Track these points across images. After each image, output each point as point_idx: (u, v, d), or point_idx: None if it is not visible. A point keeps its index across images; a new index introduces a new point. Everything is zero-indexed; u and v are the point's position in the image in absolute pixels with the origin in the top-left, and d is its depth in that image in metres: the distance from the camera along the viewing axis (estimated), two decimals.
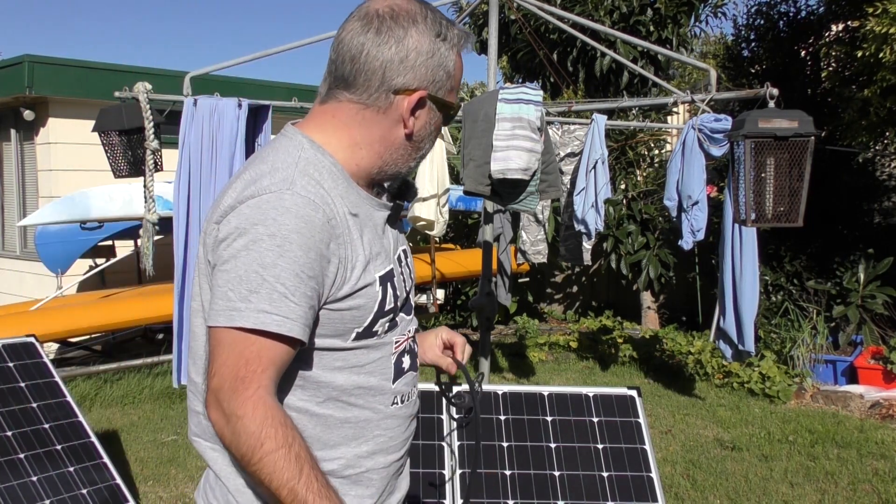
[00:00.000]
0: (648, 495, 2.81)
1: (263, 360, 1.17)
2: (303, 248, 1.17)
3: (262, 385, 1.16)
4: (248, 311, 1.15)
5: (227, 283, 1.17)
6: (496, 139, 3.62)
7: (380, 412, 1.34)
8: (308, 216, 1.18)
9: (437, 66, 1.29)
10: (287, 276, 1.16)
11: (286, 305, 1.16)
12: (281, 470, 1.14)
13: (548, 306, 9.37)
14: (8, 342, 3.61)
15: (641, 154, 8.40)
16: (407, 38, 1.26)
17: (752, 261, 4.67)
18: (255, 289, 1.15)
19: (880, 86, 5.87)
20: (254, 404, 1.15)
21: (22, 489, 3.07)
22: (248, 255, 1.16)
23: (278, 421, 1.16)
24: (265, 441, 1.14)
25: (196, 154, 3.83)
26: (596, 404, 3.06)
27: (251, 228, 1.17)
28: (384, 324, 1.33)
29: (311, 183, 1.22)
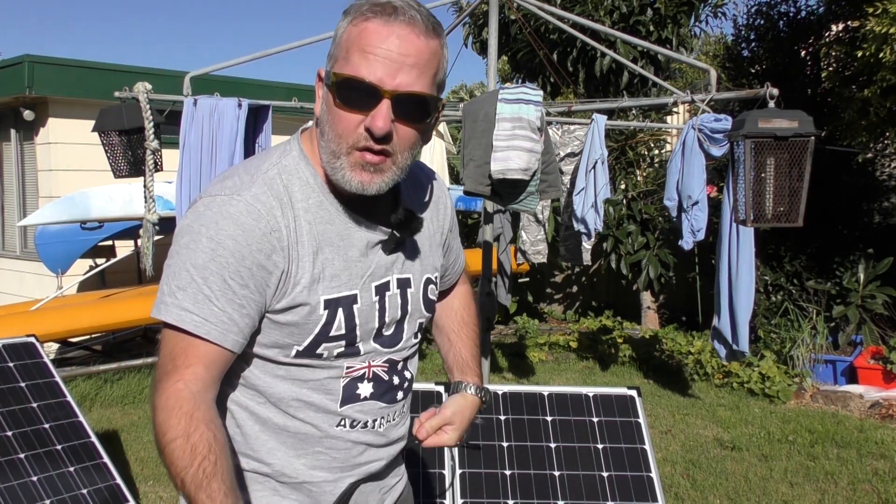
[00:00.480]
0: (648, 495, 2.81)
1: (189, 356, 1.16)
2: (235, 256, 1.16)
3: (183, 378, 1.15)
4: (172, 306, 1.16)
5: (165, 277, 1.18)
6: (496, 139, 3.62)
7: (322, 431, 1.30)
8: (247, 225, 1.17)
9: (335, 42, 1.20)
10: (215, 279, 1.15)
11: (208, 308, 1.15)
12: (177, 459, 1.11)
13: (548, 306, 9.38)
14: (8, 342, 3.61)
15: (641, 154, 8.40)
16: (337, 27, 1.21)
17: (749, 261, 4.66)
18: (183, 286, 1.16)
19: (880, 86, 5.87)
20: (167, 396, 1.15)
21: (22, 489, 3.07)
22: (186, 253, 1.17)
23: (184, 412, 1.13)
24: (167, 430, 1.12)
25: (196, 154, 3.83)
26: (596, 404, 3.06)
27: (196, 228, 1.17)
28: (331, 349, 1.27)
29: (268, 192, 1.19)
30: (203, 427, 1.13)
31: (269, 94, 5.24)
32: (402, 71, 1.15)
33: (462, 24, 8.23)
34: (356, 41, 1.16)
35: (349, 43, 1.17)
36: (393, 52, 1.15)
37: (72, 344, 6.84)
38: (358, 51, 1.15)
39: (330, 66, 1.20)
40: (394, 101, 1.16)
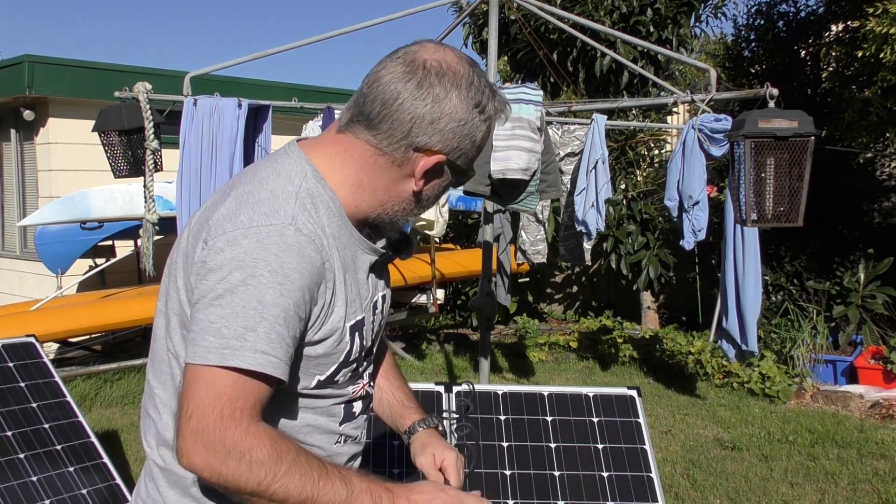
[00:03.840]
0: (648, 495, 2.81)
1: (250, 398, 1.10)
2: (301, 289, 1.12)
3: (254, 418, 1.11)
4: (244, 349, 1.08)
5: (221, 319, 1.08)
6: (496, 139, 3.62)
7: (325, 450, 1.31)
8: (310, 257, 1.14)
9: (465, 136, 1.23)
10: (286, 316, 1.11)
11: (282, 347, 1.11)
12: (288, 486, 1.10)
13: (548, 306, 9.37)
14: (8, 342, 3.61)
15: (641, 154, 8.39)
16: (446, 100, 1.19)
17: (755, 260, 4.66)
18: (252, 327, 1.09)
19: (881, 86, 5.87)
20: (255, 434, 1.10)
21: (22, 489, 3.07)
22: (247, 291, 1.09)
23: (270, 441, 1.11)
24: (262, 471, 1.09)
25: (196, 154, 3.83)
26: (596, 404, 3.06)
27: (251, 263, 1.10)
28: (346, 374, 1.30)
29: (311, 220, 1.17)
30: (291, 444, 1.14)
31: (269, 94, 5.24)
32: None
33: (462, 24, 8.23)
34: (480, 146, 1.27)
35: (479, 147, 1.27)
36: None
37: (72, 344, 6.83)
38: (477, 154, 1.29)
39: (462, 162, 1.27)
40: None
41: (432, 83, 1.18)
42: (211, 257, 1.12)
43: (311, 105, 4.54)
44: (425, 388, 3.05)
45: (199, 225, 1.19)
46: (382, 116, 1.19)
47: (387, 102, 1.19)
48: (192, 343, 1.11)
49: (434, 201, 1.32)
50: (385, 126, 1.19)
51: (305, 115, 4.91)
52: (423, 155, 1.22)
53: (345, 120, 1.25)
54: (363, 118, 1.21)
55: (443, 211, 5.26)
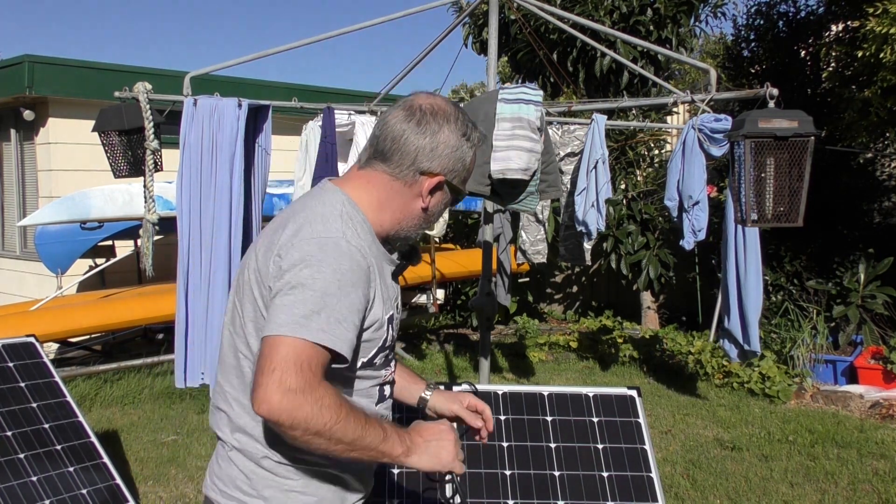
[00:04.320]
0: (648, 495, 2.81)
1: (317, 365, 1.40)
2: (354, 287, 1.44)
3: (317, 374, 1.39)
4: (311, 327, 1.39)
5: (294, 303, 1.40)
6: (496, 139, 3.62)
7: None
8: (359, 262, 1.46)
9: (458, 160, 1.59)
10: (342, 306, 1.42)
11: (339, 328, 1.42)
12: (347, 430, 1.39)
13: (548, 306, 9.37)
14: (8, 342, 3.61)
15: (641, 154, 8.39)
16: (440, 132, 1.55)
17: (756, 260, 4.66)
18: (318, 310, 1.39)
19: (880, 86, 5.87)
20: (318, 386, 1.38)
21: (22, 489, 3.07)
22: (315, 283, 1.41)
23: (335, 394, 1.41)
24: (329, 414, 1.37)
25: (196, 154, 3.82)
26: (596, 404, 3.06)
27: (316, 263, 1.42)
28: (382, 357, 1.60)
29: (355, 235, 1.50)
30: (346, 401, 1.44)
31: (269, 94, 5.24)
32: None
33: (462, 24, 8.23)
34: (469, 169, 1.64)
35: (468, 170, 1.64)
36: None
37: (72, 344, 6.83)
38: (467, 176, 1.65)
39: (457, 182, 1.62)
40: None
41: (428, 121, 1.55)
42: (285, 262, 1.44)
43: (311, 105, 4.54)
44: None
45: (267, 247, 1.50)
46: (393, 150, 1.56)
47: (395, 139, 1.55)
48: (269, 322, 1.41)
49: (437, 217, 1.67)
50: (396, 157, 1.56)
51: (305, 115, 4.91)
52: (427, 177, 1.57)
53: (364, 158, 1.61)
54: (379, 154, 1.57)
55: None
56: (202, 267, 3.87)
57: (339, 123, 4.41)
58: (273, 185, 6.52)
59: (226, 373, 1.58)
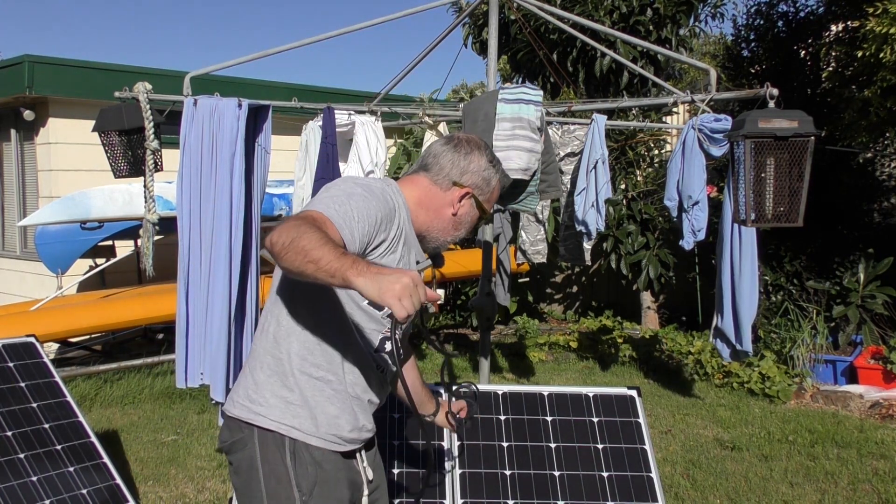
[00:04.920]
0: (648, 495, 2.81)
1: (323, 226, 1.65)
2: (375, 207, 1.77)
3: (320, 227, 1.63)
4: (326, 206, 1.71)
5: (322, 198, 1.75)
6: (496, 139, 3.62)
7: (366, 363, 1.91)
8: (387, 202, 1.83)
9: (484, 179, 2.00)
10: (359, 207, 1.74)
11: (349, 219, 1.72)
12: (308, 240, 1.57)
13: (548, 306, 9.37)
14: (8, 342, 3.61)
15: (641, 154, 8.39)
16: (472, 155, 1.98)
17: (752, 261, 4.66)
18: (336, 200, 1.73)
19: (880, 86, 5.87)
20: (309, 223, 1.62)
21: (22, 489, 3.07)
22: (340, 190, 1.78)
23: (315, 226, 1.61)
24: (305, 227, 1.59)
25: (196, 154, 3.82)
26: (596, 404, 3.06)
27: (350, 185, 1.80)
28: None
29: (393, 198, 1.87)
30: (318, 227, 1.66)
31: (269, 94, 5.24)
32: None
33: (462, 24, 8.23)
34: (493, 192, 2.04)
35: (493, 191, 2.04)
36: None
37: (72, 344, 6.83)
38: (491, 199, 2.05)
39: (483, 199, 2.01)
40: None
41: (464, 146, 2.00)
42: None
43: (311, 105, 4.54)
44: None
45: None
46: (433, 163, 1.99)
47: (436, 156, 1.99)
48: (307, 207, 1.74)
49: (463, 230, 2.03)
50: (435, 168, 1.98)
51: (305, 115, 4.91)
52: (458, 188, 1.97)
53: (412, 171, 2.02)
54: (422, 167, 2.00)
55: None
56: (202, 267, 3.87)
57: (339, 123, 4.41)
58: (273, 185, 6.52)
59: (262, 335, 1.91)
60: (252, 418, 1.83)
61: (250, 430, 1.83)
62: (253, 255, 4.03)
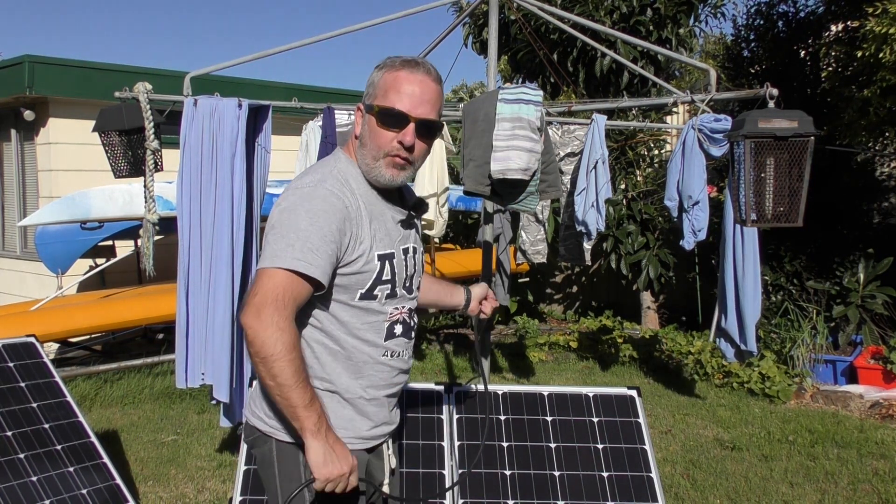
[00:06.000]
0: (648, 495, 2.82)
1: (291, 292, 1.66)
2: (326, 222, 1.69)
3: (290, 311, 1.66)
4: (287, 257, 1.65)
5: (275, 240, 1.68)
6: (496, 139, 3.62)
7: (373, 358, 1.86)
8: (333, 203, 1.72)
9: (368, 84, 1.83)
10: (314, 237, 1.67)
11: (312, 255, 1.66)
12: (283, 371, 1.64)
13: (548, 306, 9.37)
14: (8, 342, 3.61)
15: (641, 154, 8.39)
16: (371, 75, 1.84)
17: (754, 260, 4.66)
18: (292, 243, 1.66)
19: (880, 86, 5.87)
20: (285, 321, 1.64)
21: (22, 489, 3.07)
22: (289, 222, 1.68)
23: (293, 340, 1.66)
24: (279, 348, 1.63)
25: (196, 154, 3.82)
26: (596, 404, 3.06)
27: (292, 206, 1.70)
28: (383, 291, 1.83)
29: (337, 183, 1.76)
30: (300, 354, 1.68)
31: (269, 94, 5.24)
32: (422, 105, 1.78)
33: (462, 24, 8.23)
34: (392, 84, 1.77)
35: (386, 86, 1.78)
36: (416, 92, 1.78)
37: (72, 344, 6.83)
38: (393, 91, 1.77)
39: (371, 101, 1.80)
40: (416, 125, 1.78)
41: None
42: (274, 212, 1.74)
43: (311, 105, 4.54)
44: (425, 388, 3.05)
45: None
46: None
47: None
48: (260, 258, 1.71)
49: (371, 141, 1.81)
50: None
51: (305, 115, 4.90)
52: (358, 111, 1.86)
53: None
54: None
55: (442, 211, 5.26)
56: (202, 267, 3.87)
57: (339, 123, 4.41)
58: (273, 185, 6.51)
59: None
60: (269, 431, 1.85)
61: (269, 438, 1.86)
62: (254, 255, 4.04)
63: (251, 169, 4.00)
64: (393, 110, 1.76)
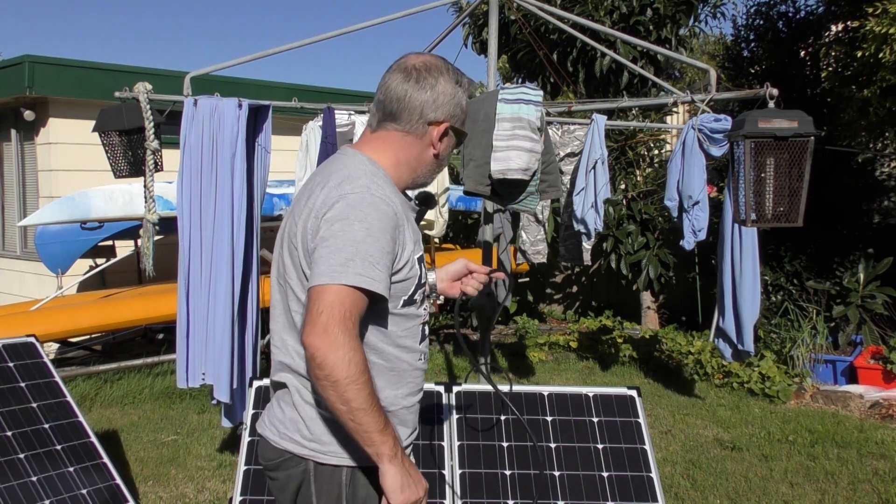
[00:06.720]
0: (648, 495, 2.82)
1: (356, 310, 1.59)
2: (382, 232, 1.62)
3: (357, 330, 1.59)
4: (349, 272, 1.57)
5: (331, 254, 1.58)
6: (496, 139, 3.62)
7: (412, 364, 1.81)
8: (385, 210, 1.64)
9: (456, 105, 1.80)
10: (374, 250, 1.60)
11: (374, 270, 1.59)
12: (358, 395, 1.55)
13: (548, 306, 9.37)
14: (8, 342, 3.61)
15: (641, 154, 8.39)
16: (437, 84, 1.76)
17: (753, 261, 4.67)
18: (352, 257, 1.58)
19: (880, 86, 5.87)
20: (355, 341, 1.56)
21: (22, 489, 3.07)
22: (345, 234, 1.59)
23: (364, 361, 1.58)
24: (353, 370, 1.54)
25: (196, 154, 3.82)
26: (596, 404, 3.06)
27: (345, 217, 1.60)
28: (421, 294, 1.80)
29: (380, 187, 1.67)
30: (369, 373, 1.60)
31: (269, 94, 5.24)
32: None
33: (462, 24, 8.23)
34: (465, 111, 1.85)
35: (463, 112, 1.84)
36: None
37: (72, 344, 6.83)
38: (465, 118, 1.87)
39: (458, 125, 1.83)
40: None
41: (425, 77, 1.75)
42: (321, 222, 1.63)
43: (311, 105, 4.54)
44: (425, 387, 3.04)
45: (304, 213, 1.69)
46: (400, 110, 1.75)
47: (400, 99, 1.75)
48: (312, 274, 1.60)
49: (446, 161, 1.88)
50: (405, 115, 1.75)
51: (305, 115, 4.91)
52: (435, 126, 1.78)
53: (374, 123, 1.80)
54: (388, 116, 1.77)
55: (443, 211, 5.26)
56: (203, 267, 3.87)
57: (339, 123, 4.41)
58: (273, 185, 6.52)
59: (283, 330, 1.78)
60: (307, 454, 1.74)
61: (304, 460, 1.75)
62: (254, 255, 4.04)
63: (251, 169, 4.00)
64: (465, 136, 1.92)
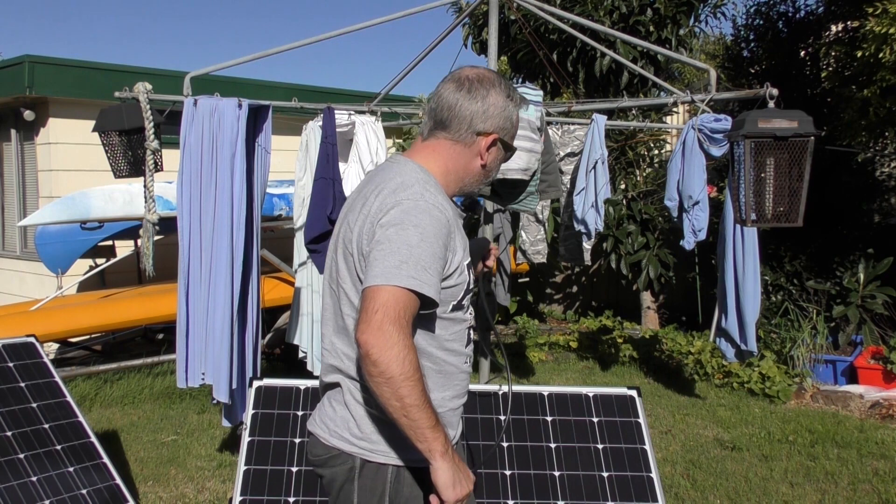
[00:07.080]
0: (648, 495, 2.82)
1: (410, 311, 1.62)
2: (435, 237, 1.66)
3: (410, 329, 1.62)
4: (402, 275, 1.60)
5: (385, 257, 1.62)
6: None
7: (458, 367, 1.84)
8: (437, 217, 1.68)
9: (506, 118, 1.84)
10: (426, 255, 1.63)
11: (426, 275, 1.63)
12: (413, 392, 1.58)
13: (548, 306, 9.37)
14: (8, 342, 3.61)
15: (641, 154, 8.39)
16: (489, 96, 1.80)
17: (754, 260, 4.67)
18: (405, 260, 1.61)
19: (880, 86, 5.87)
20: (409, 339, 1.60)
21: (22, 489, 3.07)
22: (399, 238, 1.63)
23: (417, 358, 1.61)
24: (408, 367, 1.57)
25: (196, 154, 3.82)
26: (596, 404, 3.06)
27: (399, 222, 1.65)
28: (468, 300, 1.84)
29: (432, 194, 1.72)
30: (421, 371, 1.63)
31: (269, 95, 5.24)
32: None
33: (462, 25, 8.22)
34: (515, 126, 1.89)
35: (515, 126, 1.89)
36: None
37: (72, 344, 6.83)
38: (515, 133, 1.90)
39: (508, 138, 1.87)
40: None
41: (477, 88, 1.80)
42: (377, 227, 1.67)
43: (311, 105, 4.54)
44: None
45: (360, 219, 1.73)
46: (450, 118, 1.80)
47: (451, 108, 1.80)
48: (367, 276, 1.64)
49: (495, 173, 1.92)
50: (454, 123, 1.80)
51: (305, 115, 4.91)
52: (483, 137, 1.82)
53: (426, 131, 1.86)
54: (438, 124, 1.82)
55: None
56: (202, 267, 3.87)
57: (339, 123, 4.41)
58: (273, 185, 6.52)
59: (334, 334, 1.83)
60: (355, 451, 1.78)
61: (352, 457, 1.80)
62: (254, 256, 4.04)
63: (251, 169, 4.00)
64: (513, 150, 1.94)
